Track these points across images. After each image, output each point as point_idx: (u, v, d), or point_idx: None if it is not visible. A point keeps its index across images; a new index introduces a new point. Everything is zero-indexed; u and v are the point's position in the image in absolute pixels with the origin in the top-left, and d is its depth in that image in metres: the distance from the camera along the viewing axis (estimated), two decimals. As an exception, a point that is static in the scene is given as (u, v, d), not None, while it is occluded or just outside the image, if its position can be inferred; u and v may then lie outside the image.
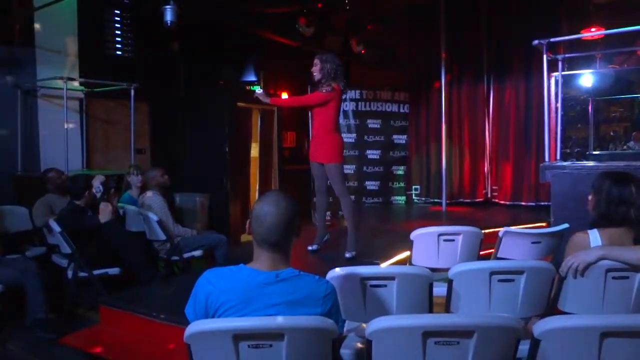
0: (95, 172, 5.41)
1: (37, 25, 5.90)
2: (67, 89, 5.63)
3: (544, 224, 5.47)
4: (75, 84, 6.04)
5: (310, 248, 4.64)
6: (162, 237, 4.61)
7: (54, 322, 3.83)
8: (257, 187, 7.93)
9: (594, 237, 2.30)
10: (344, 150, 4.65)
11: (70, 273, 4.22)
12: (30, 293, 3.79)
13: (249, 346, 1.59)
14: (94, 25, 6.45)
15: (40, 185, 5.16)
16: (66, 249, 4.17)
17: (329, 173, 4.39)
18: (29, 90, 5.93)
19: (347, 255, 4.38)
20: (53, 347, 3.52)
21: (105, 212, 4.44)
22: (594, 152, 6.79)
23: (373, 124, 7.99)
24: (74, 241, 4.13)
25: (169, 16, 5.10)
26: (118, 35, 6.73)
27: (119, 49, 6.75)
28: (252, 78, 8.06)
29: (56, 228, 4.13)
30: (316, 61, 4.33)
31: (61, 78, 5.60)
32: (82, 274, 4.17)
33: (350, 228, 4.45)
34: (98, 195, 4.50)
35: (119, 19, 6.72)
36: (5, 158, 5.77)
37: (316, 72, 4.31)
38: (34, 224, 4.93)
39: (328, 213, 7.85)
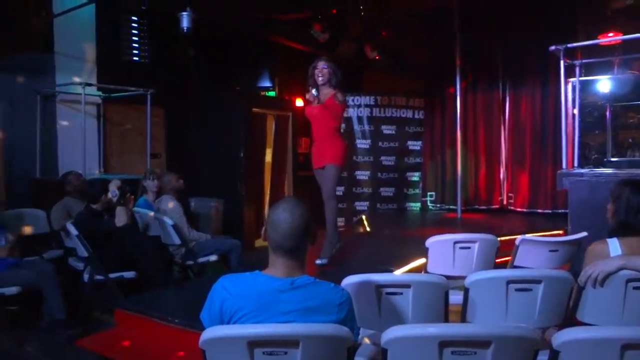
0: (111, 177, 5.46)
1: (56, 32, 6.00)
2: (85, 94, 5.70)
3: (561, 232, 5.39)
4: (93, 89, 6.12)
5: (319, 262, 4.16)
6: (177, 241, 4.64)
7: (70, 325, 3.86)
8: (271, 193, 7.94)
9: (614, 246, 2.26)
10: (359, 156, 4.61)
11: (86, 276, 4.27)
12: (48, 295, 3.85)
13: (263, 353, 1.59)
14: (112, 31, 6.54)
15: (57, 188, 5.23)
16: (83, 252, 4.22)
17: (326, 173, 4.26)
18: (48, 95, 6.02)
19: (318, 261, 4.11)
20: (69, 350, 3.55)
21: (121, 216, 4.48)
22: (612, 159, 6.68)
23: (387, 130, 7.97)
24: (90, 245, 4.17)
25: (184, 22, 5.16)
26: (135, 42, 6.81)
27: (135, 55, 6.83)
28: (267, 84, 8.10)
29: (73, 231, 4.18)
30: (328, 65, 4.22)
31: (79, 83, 5.69)
32: (98, 278, 4.21)
33: (330, 233, 4.29)
34: (114, 199, 4.54)
35: (136, 25, 6.81)
36: (25, 162, 5.86)
37: (325, 75, 4.19)
38: (51, 227, 5.00)
39: (341, 219, 7.93)
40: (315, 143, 4.40)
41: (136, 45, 6.84)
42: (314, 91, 4.23)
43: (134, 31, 6.82)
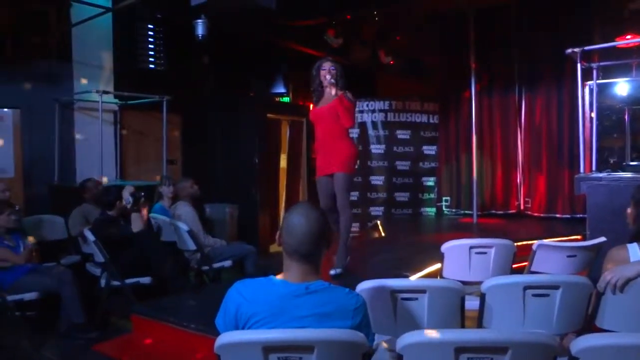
0: (128, 183, 5.52)
1: (74, 41, 6.10)
2: (102, 102, 5.78)
3: (579, 237, 5.31)
4: (110, 96, 6.21)
5: (333, 272, 3.98)
6: (193, 247, 4.66)
7: (88, 330, 3.91)
8: (285, 198, 7.97)
9: (634, 251, 2.22)
10: (374, 161, 4.52)
11: (103, 282, 4.31)
12: (66, 300, 3.90)
13: (278, 358, 1.59)
14: (128, 40, 6.64)
15: (75, 195, 5.30)
16: (100, 258, 4.26)
17: (337, 182, 3.96)
18: (66, 103, 6.12)
19: (332, 272, 3.96)
20: (86, 354, 3.59)
21: (137, 222, 4.53)
22: (631, 163, 6.56)
23: (402, 134, 7.95)
24: (107, 250, 4.22)
25: (200, 30, 5.20)
26: (151, 49, 6.90)
27: (152, 63, 6.92)
28: (281, 90, 8.14)
29: (90, 237, 4.23)
30: (335, 66, 4.03)
31: (97, 91, 5.77)
32: (114, 283, 4.25)
33: (342, 243, 4.06)
34: (128, 206, 4.59)
35: (152, 33, 6.90)
36: (44, 169, 5.96)
37: (334, 75, 3.98)
38: (69, 233, 5.06)
39: (356, 224, 7.92)
40: (323, 148, 4.08)
41: (152, 53, 6.93)
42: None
43: (150, 39, 6.91)
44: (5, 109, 5.81)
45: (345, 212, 3.99)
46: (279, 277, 1.79)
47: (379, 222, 7.24)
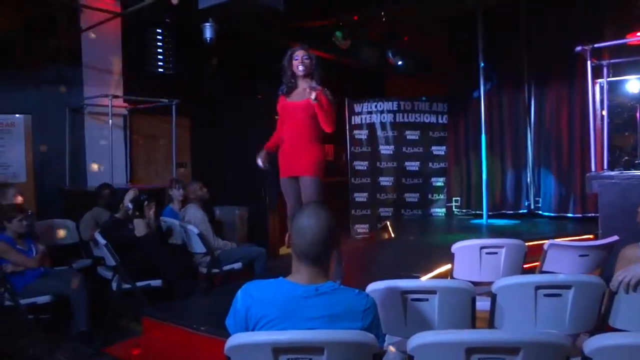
0: (138, 187, 5.55)
1: (83, 46, 6.15)
2: (112, 106, 5.82)
3: (591, 237, 5.26)
4: (120, 101, 6.25)
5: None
6: (203, 249, 4.68)
7: (99, 333, 3.93)
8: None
9: (647, 249, 2.20)
10: (383, 162, 4.36)
11: (114, 285, 4.34)
12: (75, 305, 3.91)
13: (288, 359, 1.59)
14: (137, 44, 6.69)
15: (86, 199, 5.34)
16: (111, 261, 4.29)
17: (306, 188, 3.52)
18: (76, 108, 6.17)
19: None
20: (97, 357, 3.61)
21: (140, 227, 4.55)
22: (644, 161, 6.52)
23: (411, 135, 7.92)
24: (117, 253, 4.25)
25: (208, 33, 5.23)
26: (160, 53, 6.95)
27: (160, 67, 6.97)
28: (290, 91, 8.12)
29: (101, 241, 4.26)
30: (308, 55, 3.59)
31: (106, 96, 5.81)
32: (125, 286, 4.28)
33: (335, 258, 3.61)
34: (129, 212, 4.60)
35: (160, 37, 6.95)
36: (55, 173, 6.01)
37: (305, 67, 3.55)
38: (80, 237, 5.10)
39: (366, 226, 7.90)
40: (290, 147, 3.60)
41: (161, 57, 6.98)
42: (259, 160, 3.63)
43: (158, 43, 6.97)
44: (17, 115, 5.87)
45: None
46: (288, 278, 1.79)
47: (388, 223, 7.22)
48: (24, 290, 3.94)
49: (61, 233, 4.45)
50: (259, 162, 3.72)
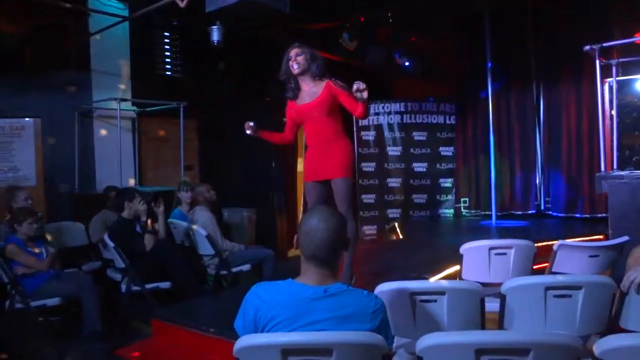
0: (148, 189, 5.57)
1: (92, 50, 6.20)
2: (120, 110, 5.86)
3: (601, 237, 5.22)
4: (128, 104, 6.29)
5: None
6: (211, 251, 4.69)
7: (109, 335, 3.95)
8: (303, 202, 7.97)
9: (658, 250, 2.18)
10: (390, 164, 4.33)
11: (124, 287, 4.36)
12: (87, 306, 3.94)
13: (297, 361, 1.59)
14: (145, 47, 6.73)
15: (96, 202, 5.38)
16: (120, 263, 4.32)
17: (338, 190, 3.42)
18: (85, 111, 6.22)
19: None
20: (108, 359, 3.63)
21: (149, 242, 4.59)
22: (654, 161, 6.46)
23: (419, 136, 7.91)
24: (126, 255, 4.27)
25: (215, 36, 5.25)
26: (168, 57, 6.99)
27: (168, 70, 7.01)
28: (297, 93, 8.13)
29: (110, 243, 4.28)
30: (302, 50, 3.42)
31: (115, 99, 5.85)
32: (134, 288, 4.30)
33: (347, 262, 3.44)
34: (143, 218, 4.65)
35: (168, 40, 6.99)
36: (64, 176, 6.06)
37: (299, 65, 3.41)
38: (90, 239, 5.14)
39: (373, 227, 7.89)
40: (315, 150, 3.49)
41: (169, 60, 7.03)
42: (251, 123, 3.60)
43: (166, 47, 7.01)
44: (27, 119, 5.93)
45: (349, 224, 3.12)
46: (297, 280, 1.79)
47: (396, 224, 7.21)
48: (34, 292, 3.97)
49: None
50: (247, 129, 3.70)
